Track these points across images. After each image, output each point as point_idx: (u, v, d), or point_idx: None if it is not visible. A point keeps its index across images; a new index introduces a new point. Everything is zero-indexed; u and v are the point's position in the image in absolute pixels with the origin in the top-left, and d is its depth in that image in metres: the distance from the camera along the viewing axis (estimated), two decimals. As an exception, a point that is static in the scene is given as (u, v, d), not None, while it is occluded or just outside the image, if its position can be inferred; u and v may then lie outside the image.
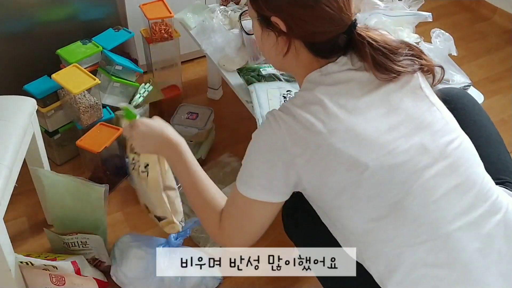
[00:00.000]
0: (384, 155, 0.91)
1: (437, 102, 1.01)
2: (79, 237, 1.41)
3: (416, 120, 0.96)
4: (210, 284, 1.46)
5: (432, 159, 0.93)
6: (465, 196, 0.94)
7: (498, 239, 0.94)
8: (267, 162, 0.96)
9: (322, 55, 0.99)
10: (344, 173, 0.91)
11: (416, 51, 1.01)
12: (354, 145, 0.91)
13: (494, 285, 0.92)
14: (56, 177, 1.42)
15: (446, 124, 0.98)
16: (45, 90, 1.66)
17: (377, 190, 0.92)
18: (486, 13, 2.84)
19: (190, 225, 1.46)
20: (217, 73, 2.06)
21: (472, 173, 0.97)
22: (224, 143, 1.97)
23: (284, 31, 0.97)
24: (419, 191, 0.92)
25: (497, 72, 2.42)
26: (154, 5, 1.92)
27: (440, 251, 0.92)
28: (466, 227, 0.93)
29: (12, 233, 1.24)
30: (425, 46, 1.62)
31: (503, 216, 0.96)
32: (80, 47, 1.75)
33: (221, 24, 1.78)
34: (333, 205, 0.97)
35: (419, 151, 0.93)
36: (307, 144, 0.92)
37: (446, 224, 0.92)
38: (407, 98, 0.97)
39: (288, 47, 1.00)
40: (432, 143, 0.94)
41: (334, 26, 0.96)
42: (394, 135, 0.93)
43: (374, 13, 1.70)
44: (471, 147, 1.01)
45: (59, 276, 1.37)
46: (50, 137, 1.76)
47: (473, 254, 0.92)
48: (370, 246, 0.96)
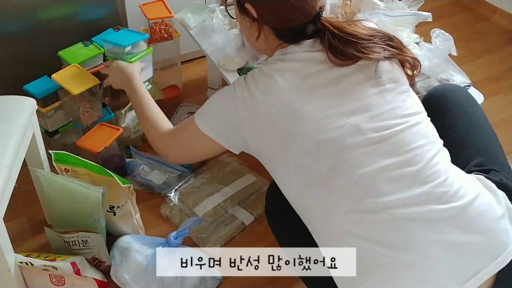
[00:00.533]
0: (314, 130, 1.00)
1: (395, 89, 1.05)
2: (80, 236, 1.41)
3: (359, 102, 1.02)
4: (210, 284, 1.46)
5: (363, 140, 0.98)
6: (398, 176, 0.96)
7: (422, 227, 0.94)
8: (223, 116, 1.12)
9: (288, 40, 1.12)
10: (276, 142, 1.03)
11: (396, 42, 1.10)
12: (288, 118, 1.01)
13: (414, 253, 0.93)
14: (55, 178, 1.42)
15: (393, 109, 1.02)
16: (45, 90, 1.66)
17: (303, 161, 1.00)
18: (486, 13, 2.84)
19: (189, 225, 1.46)
20: (217, 73, 2.06)
21: (416, 155, 0.98)
22: (224, 143, 1.96)
23: (255, 17, 1.12)
24: (344, 166, 0.97)
25: (497, 72, 2.42)
26: (154, 5, 1.92)
27: (363, 225, 0.95)
28: (394, 205, 0.94)
29: (12, 233, 1.23)
30: (425, 46, 1.63)
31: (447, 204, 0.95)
32: (81, 48, 1.75)
33: (221, 24, 1.78)
34: (271, 169, 1.11)
35: (351, 130, 0.99)
36: (252, 111, 1.05)
37: (371, 198, 0.95)
38: (357, 81, 1.04)
39: (258, 32, 1.14)
40: (368, 124, 1.00)
41: (299, 15, 1.08)
42: (330, 112, 1.01)
43: (374, 13, 1.71)
44: (427, 133, 1.04)
45: (59, 276, 1.37)
46: (50, 137, 1.76)
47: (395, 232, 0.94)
48: (302, 212, 1.06)
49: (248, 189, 1.75)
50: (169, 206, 1.69)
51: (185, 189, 1.73)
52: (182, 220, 1.64)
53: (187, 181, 1.76)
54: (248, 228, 1.65)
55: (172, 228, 1.57)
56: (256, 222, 1.67)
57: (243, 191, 1.74)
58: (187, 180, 1.77)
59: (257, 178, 1.79)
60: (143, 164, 1.80)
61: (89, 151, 1.60)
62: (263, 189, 1.76)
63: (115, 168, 1.68)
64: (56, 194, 1.44)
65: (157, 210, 1.70)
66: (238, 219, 1.65)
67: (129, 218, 1.51)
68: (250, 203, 1.71)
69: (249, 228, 1.65)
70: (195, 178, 1.78)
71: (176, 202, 1.70)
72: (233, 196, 1.72)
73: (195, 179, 1.78)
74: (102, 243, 1.43)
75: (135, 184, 1.71)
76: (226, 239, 1.60)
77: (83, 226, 1.43)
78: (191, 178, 1.78)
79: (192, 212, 1.66)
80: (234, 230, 1.63)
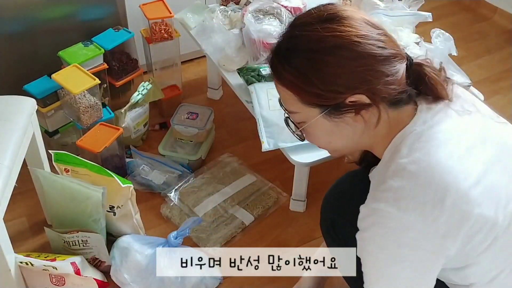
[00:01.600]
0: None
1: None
2: (80, 236, 1.41)
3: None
4: (210, 284, 1.46)
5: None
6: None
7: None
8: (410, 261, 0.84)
9: (402, 104, 0.87)
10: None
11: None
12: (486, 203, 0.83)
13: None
14: (55, 178, 1.42)
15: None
16: (45, 90, 1.66)
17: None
18: (486, 13, 2.83)
19: (190, 225, 1.46)
20: (217, 73, 2.06)
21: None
22: (224, 143, 1.97)
23: (368, 102, 0.84)
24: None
25: (497, 72, 2.42)
26: (154, 5, 1.92)
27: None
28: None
29: (12, 233, 1.24)
30: (425, 46, 1.63)
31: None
32: (81, 49, 1.75)
33: (221, 24, 1.78)
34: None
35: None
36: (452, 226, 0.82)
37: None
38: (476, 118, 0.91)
39: (378, 116, 0.86)
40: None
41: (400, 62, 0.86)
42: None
43: (374, 13, 1.71)
44: None
45: (59, 277, 1.36)
46: (50, 137, 1.76)
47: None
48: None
49: (248, 189, 1.75)
50: (169, 206, 1.69)
51: (185, 189, 1.73)
52: (182, 220, 1.64)
53: (187, 181, 1.76)
54: (248, 228, 1.65)
55: (172, 228, 1.57)
56: (256, 222, 1.67)
57: (243, 191, 1.74)
58: (187, 180, 1.77)
59: (257, 178, 1.79)
60: (143, 164, 1.80)
61: (89, 151, 1.60)
62: (263, 189, 1.76)
63: (115, 168, 1.68)
64: (56, 194, 1.44)
65: (157, 210, 1.70)
66: (238, 219, 1.65)
67: (129, 218, 1.51)
68: (250, 203, 1.71)
69: (249, 228, 1.65)
70: (195, 178, 1.78)
71: (176, 202, 1.70)
72: (233, 196, 1.72)
73: (195, 179, 1.78)
74: (102, 243, 1.43)
75: (135, 184, 1.71)
76: (226, 239, 1.60)
77: (83, 226, 1.43)
78: (191, 178, 1.78)
79: (192, 212, 1.66)
80: (234, 230, 1.63)
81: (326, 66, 0.82)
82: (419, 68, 0.88)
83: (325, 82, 0.83)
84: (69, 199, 1.42)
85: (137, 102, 1.83)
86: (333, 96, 0.83)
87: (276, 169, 1.82)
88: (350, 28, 0.82)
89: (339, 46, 0.82)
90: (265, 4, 1.75)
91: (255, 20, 1.69)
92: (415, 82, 0.87)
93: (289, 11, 1.76)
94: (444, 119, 0.87)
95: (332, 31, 0.82)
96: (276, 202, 1.73)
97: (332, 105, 0.84)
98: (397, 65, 0.84)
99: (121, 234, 1.51)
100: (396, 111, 0.87)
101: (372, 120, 0.86)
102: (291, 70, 0.84)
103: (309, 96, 0.85)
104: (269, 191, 1.76)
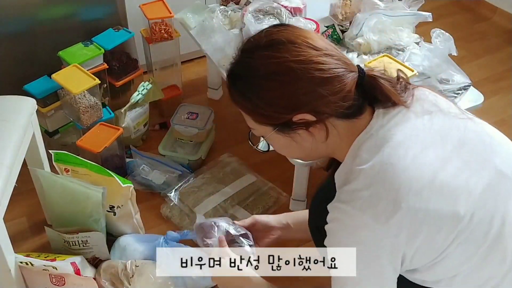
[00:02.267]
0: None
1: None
2: (80, 236, 1.41)
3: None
4: (210, 284, 1.46)
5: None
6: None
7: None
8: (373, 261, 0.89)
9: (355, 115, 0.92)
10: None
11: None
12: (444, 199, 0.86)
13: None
14: (55, 178, 1.42)
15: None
16: (45, 90, 1.66)
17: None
18: (486, 13, 2.83)
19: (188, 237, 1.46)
20: (217, 73, 2.06)
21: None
22: (224, 143, 1.96)
23: (313, 120, 0.90)
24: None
25: (497, 72, 2.42)
26: (154, 5, 1.92)
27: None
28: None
29: (12, 233, 1.23)
30: (425, 46, 1.62)
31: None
32: (81, 49, 1.75)
33: (221, 24, 1.78)
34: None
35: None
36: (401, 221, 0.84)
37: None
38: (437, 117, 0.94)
39: (327, 130, 0.92)
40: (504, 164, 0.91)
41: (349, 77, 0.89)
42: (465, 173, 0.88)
43: (374, 13, 1.70)
44: None
45: (59, 277, 1.36)
46: (50, 137, 1.76)
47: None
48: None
49: (248, 189, 1.75)
50: (169, 206, 1.69)
51: (185, 189, 1.73)
52: (182, 220, 1.64)
53: (187, 181, 1.76)
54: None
55: (172, 228, 1.57)
56: (256, 222, 1.66)
57: (243, 191, 1.74)
58: (187, 180, 1.77)
59: (257, 178, 1.79)
60: (143, 164, 1.80)
61: (89, 151, 1.60)
62: (263, 189, 1.76)
63: (115, 168, 1.68)
64: (56, 194, 1.44)
65: (157, 210, 1.70)
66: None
67: (129, 218, 1.51)
68: (250, 203, 1.71)
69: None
70: (195, 178, 1.78)
71: (176, 202, 1.69)
72: (233, 196, 1.72)
73: (195, 179, 1.78)
74: (102, 241, 1.43)
75: (135, 184, 1.71)
76: (226, 239, 1.59)
77: (83, 226, 1.43)
78: (191, 178, 1.78)
79: (192, 212, 1.66)
80: (234, 230, 1.62)
81: (266, 90, 0.89)
82: (372, 80, 0.92)
83: (268, 104, 0.90)
84: (69, 199, 1.42)
85: (137, 102, 1.83)
86: (278, 116, 0.91)
87: (276, 169, 1.82)
88: (286, 54, 0.87)
89: (275, 72, 0.87)
90: (265, 4, 1.75)
91: (255, 20, 1.69)
92: (369, 92, 0.92)
93: (289, 11, 1.76)
94: (401, 121, 0.91)
95: (269, 58, 0.88)
96: (276, 202, 1.73)
97: (280, 124, 0.92)
98: (339, 84, 0.88)
99: (121, 234, 1.51)
100: (349, 121, 0.92)
101: (321, 134, 0.92)
102: (238, 93, 0.93)
103: (257, 116, 0.93)
104: (269, 191, 1.76)
